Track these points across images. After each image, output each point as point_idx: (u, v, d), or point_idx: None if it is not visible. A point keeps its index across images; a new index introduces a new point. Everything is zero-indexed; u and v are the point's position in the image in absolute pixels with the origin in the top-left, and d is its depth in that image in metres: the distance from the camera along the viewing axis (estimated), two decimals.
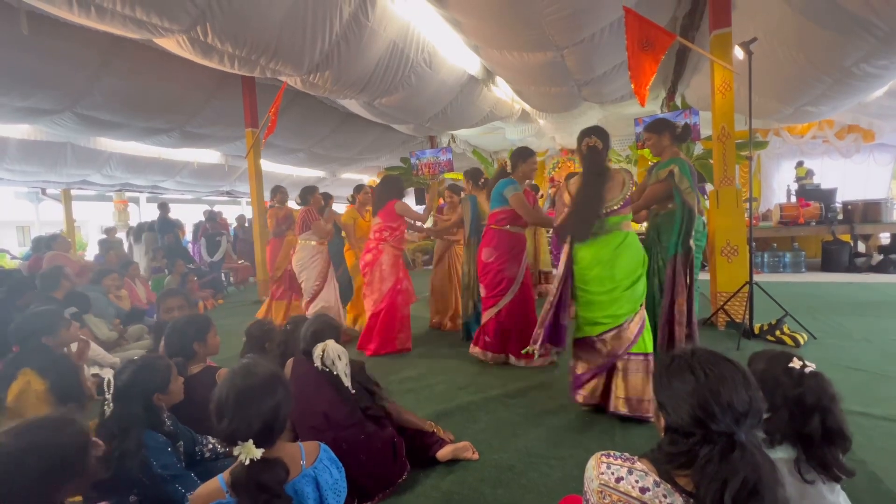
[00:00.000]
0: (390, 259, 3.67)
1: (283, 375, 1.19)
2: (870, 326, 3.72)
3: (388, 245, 3.68)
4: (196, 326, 1.96)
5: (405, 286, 3.74)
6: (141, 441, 1.41)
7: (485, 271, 3.23)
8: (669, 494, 0.85)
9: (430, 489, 1.81)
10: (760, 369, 1.08)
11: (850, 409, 2.25)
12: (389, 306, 3.63)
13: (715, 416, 0.82)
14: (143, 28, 3.32)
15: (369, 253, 3.71)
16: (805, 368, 1.06)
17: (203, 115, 6.45)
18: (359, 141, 9.33)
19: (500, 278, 3.17)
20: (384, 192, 3.78)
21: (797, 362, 1.07)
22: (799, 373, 1.05)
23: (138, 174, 8.75)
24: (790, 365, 1.07)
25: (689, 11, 5.05)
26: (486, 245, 3.22)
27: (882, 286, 5.49)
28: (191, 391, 1.73)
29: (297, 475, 1.12)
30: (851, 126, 8.64)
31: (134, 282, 5.15)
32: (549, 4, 3.75)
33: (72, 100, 5.26)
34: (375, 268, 3.66)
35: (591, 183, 2.30)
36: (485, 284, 3.25)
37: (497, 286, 3.18)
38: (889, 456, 1.87)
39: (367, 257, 3.71)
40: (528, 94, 6.72)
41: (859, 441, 1.95)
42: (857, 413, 2.23)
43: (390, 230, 3.70)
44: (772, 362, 1.10)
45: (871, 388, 2.54)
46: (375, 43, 4.49)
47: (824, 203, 6.89)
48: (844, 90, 4.82)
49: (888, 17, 3.35)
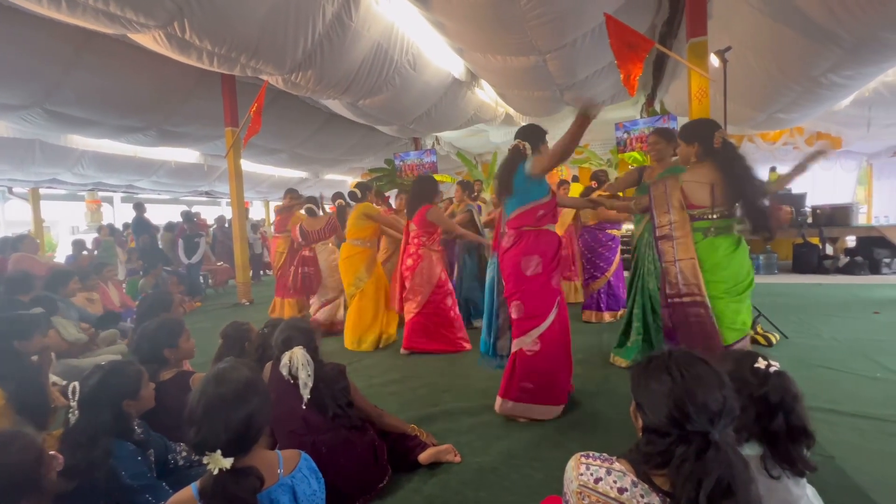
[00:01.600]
0: (430, 262, 3.70)
1: (260, 381, 1.15)
2: (837, 326, 3.86)
3: (427, 249, 3.71)
4: (167, 331, 1.90)
5: (448, 287, 3.79)
6: (109, 450, 1.36)
7: (523, 288, 2.39)
8: (647, 494, 0.86)
9: (412, 493, 1.79)
10: (728, 369, 1.11)
11: (818, 405, 2.33)
12: (437, 307, 3.67)
13: (690, 416, 0.83)
14: (116, 23, 3.21)
15: (410, 258, 3.74)
16: (770, 368, 1.09)
17: (181, 113, 6.29)
18: (342, 142, 9.24)
19: (546, 293, 2.41)
20: (417, 196, 3.74)
21: (762, 362, 1.10)
22: (764, 372, 1.08)
23: (112, 173, 8.46)
24: (756, 365, 1.10)
25: (667, 19, 5.18)
26: (526, 253, 2.39)
27: (848, 287, 5.72)
28: (163, 397, 1.67)
29: (274, 484, 1.09)
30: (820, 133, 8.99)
31: (107, 284, 4.98)
32: (532, 9, 3.79)
33: (41, 95, 5.05)
34: (417, 272, 3.68)
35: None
36: (525, 303, 2.38)
37: (542, 304, 2.39)
38: (855, 450, 1.94)
39: (409, 262, 3.74)
40: (512, 98, 6.78)
41: (827, 436, 2.03)
42: (826, 410, 2.31)
43: (427, 235, 3.73)
44: (739, 362, 1.13)
45: (839, 385, 2.64)
46: (359, 43, 4.46)
47: (795, 207, 7.15)
48: (813, 99, 5.02)
49: (853, 29, 3.50)
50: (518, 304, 2.40)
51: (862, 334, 3.59)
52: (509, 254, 2.44)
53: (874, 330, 3.71)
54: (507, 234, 2.48)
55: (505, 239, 2.49)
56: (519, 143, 2.44)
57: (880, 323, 3.94)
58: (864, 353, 3.13)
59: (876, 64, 4.10)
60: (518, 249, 2.42)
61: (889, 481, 1.73)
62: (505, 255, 2.47)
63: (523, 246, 2.41)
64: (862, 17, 3.28)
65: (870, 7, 3.17)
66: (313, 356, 1.78)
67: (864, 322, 3.99)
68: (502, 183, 2.47)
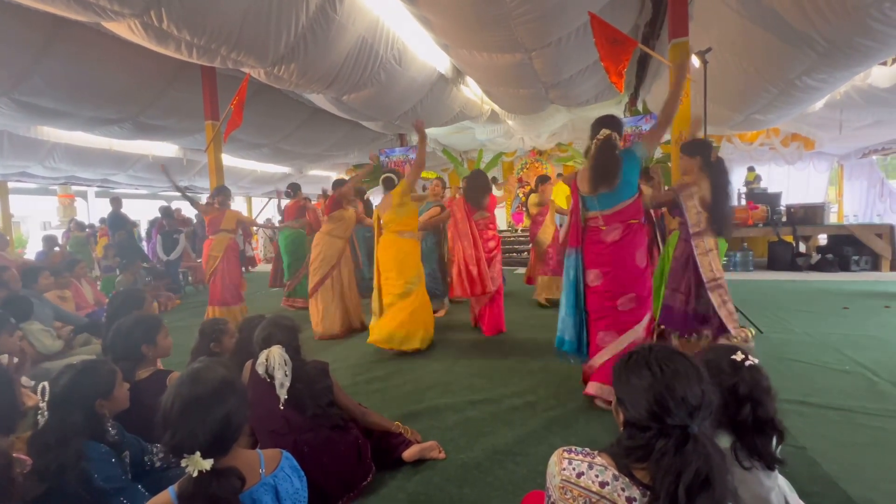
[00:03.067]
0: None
1: (237, 381, 1.12)
2: (809, 321, 4.00)
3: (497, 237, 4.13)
4: (145, 327, 1.84)
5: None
6: (81, 452, 1.31)
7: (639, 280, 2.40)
8: (628, 488, 0.87)
9: (396, 490, 1.79)
10: (708, 359, 1.14)
11: (791, 398, 2.41)
12: (500, 291, 4.03)
13: (670, 410, 0.85)
14: (89, 10, 3.09)
15: (492, 241, 4.07)
16: (745, 361, 1.12)
17: (159, 105, 6.10)
18: (327, 137, 9.12)
19: (649, 282, 2.49)
20: (483, 188, 4.02)
21: (740, 354, 1.13)
22: (738, 364, 1.11)
23: (86, 167, 8.15)
24: (732, 357, 1.13)
25: (650, 20, 5.25)
26: (638, 246, 2.41)
27: (820, 283, 5.93)
28: (139, 397, 1.62)
29: (256, 484, 1.07)
30: (795, 134, 9.28)
31: (80, 282, 4.81)
32: (517, 7, 3.79)
33: (9, 84, 4.83)
34: (493, 259, 4.00)
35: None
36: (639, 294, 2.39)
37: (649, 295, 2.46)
38: (826, 442, 2.01)
39: (491, 244, 4.05)
40: (497, 95, 6.79)
41: (800, 427, 2.10)
42: (798, 402, 2.39)
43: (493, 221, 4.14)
44: (719, 352, 1.17)
45: (811, 378, 2.73)
46: (343, 37, 4.40)
47: (770, 206, 7.37)
48: (789, 101, 5.16)
49: (826, 33, 3.61)
50: (633, 296, 2.37)
51: (832, 329, 3.72)
52: (619, 247, 2.39)
53: (844, 325, 3.85)
54: (611, 228, 2.39)
55: (608, 233, 2.41)
56: (611, 134, 2.38)
57: (849, 318, 4.10)
58: (835, 347, 3.25)
59: (848, 68, 4.24)
60: (630, 243, 2.39)
61: (857, 471, 1.80)
62: (610, 249, 2.40)
63: (635, 239, 2.40)
64: (835, 21, 3.39)
65: (843, 12, 3.27)
66: (294, 355, 1.75)
67: (835, 317, 4.14)
68: (607, 176, 2.34)
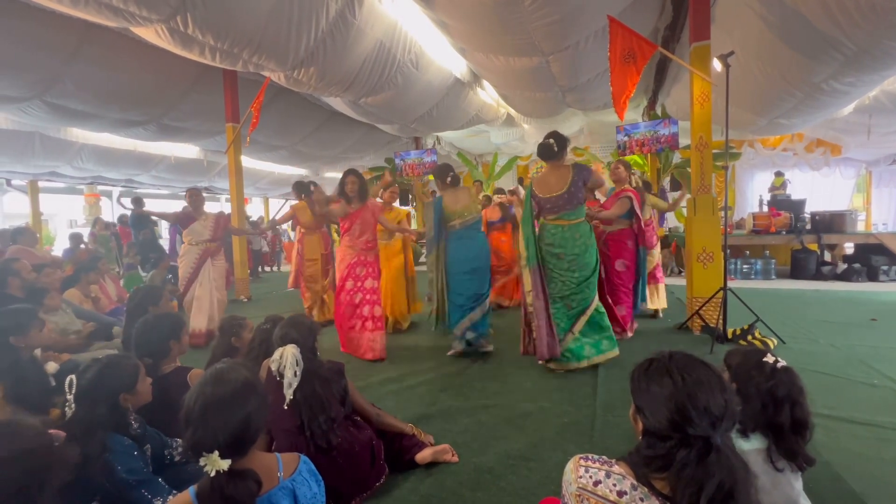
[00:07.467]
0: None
1: (258, 382, 1.13)
2: (835, 332, 3.87)
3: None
4: (171, 323, 1.90)
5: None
6: (105, 444, 1.35)
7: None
8: (646, 498, 0.86)
9: (409, 493, 1.79)
10: (736, 363, 1.15)
11: (816, 411, 2.29)
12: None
13: (692, 420, 0.83)
14: (119, 16, 3.20)
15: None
16: (777, 363, 1.14)
17: (182, 107, 6.27)
18: (343, 140, 9.23)
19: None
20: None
21: (770, 357, 1.15)
22: (772, 367, 1.13)
23: (111, 167, 8.42)
24: (764, 360, 1.14)
25: (670, 23, 5.19)
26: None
27: (846, 293, 5.73)
28: (161, 392, 1.66)
29: (274, 487, 1.07)
30: (820, 140, 9.02)
31: (104, 279, 4.94)
32: (536, 10, 3.79)
33: (42, 87, 5.03)
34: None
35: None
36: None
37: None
38: (851, 456, 1.95)
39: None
40: (514, 99, 6.78)
41: (824, 442, 2.03)
42: (823, 415, 2.31)
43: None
44: (746, 357, 1.18)
45: (836, 391, 2.64)
46: (362, 41, 4.45)
47: (794, 213, 7.17)
48: (814, 105, 5.03)
49: (855, 37, 3.51)
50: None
51: (859, 341, 3.60)
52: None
53: (872, 337, 3.72)
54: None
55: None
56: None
57: (878, 330, 3.95)
58: (862, 360, 3.14)
59: (877, 72, 4.12)
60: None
61: (884, 488, 1.73)
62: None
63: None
64: (864, 25, 3.29)
65: (872, 15, 3.18)
66: (310, 355, 1.77)
67: (862, 329, 4.00)
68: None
